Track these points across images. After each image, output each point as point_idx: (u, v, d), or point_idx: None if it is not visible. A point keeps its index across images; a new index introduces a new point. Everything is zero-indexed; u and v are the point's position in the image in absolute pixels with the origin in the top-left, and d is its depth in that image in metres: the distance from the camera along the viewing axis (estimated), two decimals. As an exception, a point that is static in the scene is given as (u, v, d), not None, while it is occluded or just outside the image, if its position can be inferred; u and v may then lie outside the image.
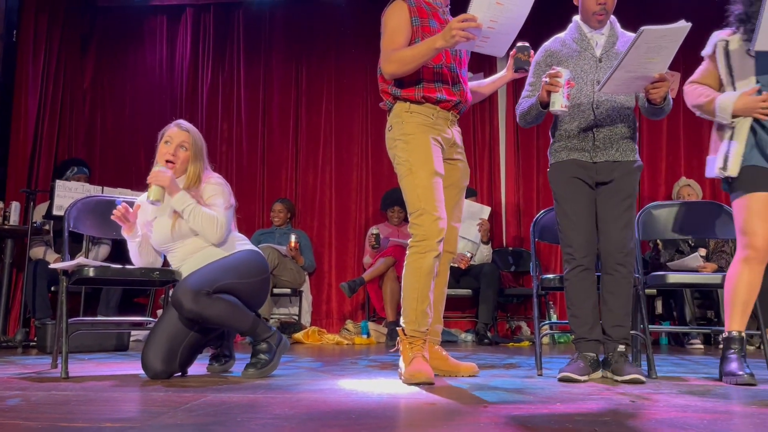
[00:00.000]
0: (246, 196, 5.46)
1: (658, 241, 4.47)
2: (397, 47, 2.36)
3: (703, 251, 4.38)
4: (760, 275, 2.31)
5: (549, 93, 2.28)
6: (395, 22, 2.40)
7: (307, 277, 5.17)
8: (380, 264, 4.71)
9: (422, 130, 2.38)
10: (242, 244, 2.53)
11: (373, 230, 4.90)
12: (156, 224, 2.46)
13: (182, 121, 2.56)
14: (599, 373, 2.37)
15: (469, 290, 4.81)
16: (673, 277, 2.72)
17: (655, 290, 4.59)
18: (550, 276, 2.68)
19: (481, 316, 4.71)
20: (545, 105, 2.33)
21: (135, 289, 4.44)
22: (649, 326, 2.70)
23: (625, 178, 2.41)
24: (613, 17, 2.50)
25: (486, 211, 4.95)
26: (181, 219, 2.40)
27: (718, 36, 2.45)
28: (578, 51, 2.46)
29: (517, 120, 2.57)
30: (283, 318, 5.08)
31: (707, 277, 3.07)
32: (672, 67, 2.43)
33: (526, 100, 2.50)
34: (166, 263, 2.57)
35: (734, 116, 2.32)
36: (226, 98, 5.70)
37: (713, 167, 2.40)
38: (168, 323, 2.36)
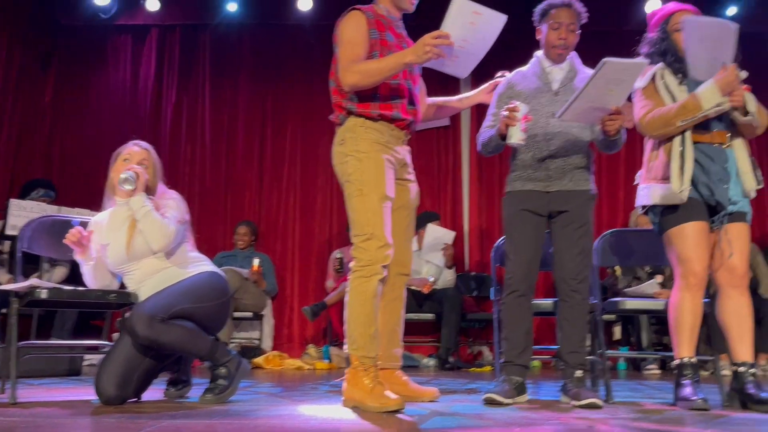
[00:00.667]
0: (208, 217, 5.41)
1: (617, 267, 4.56)
2: (357, 58, 2.28)
3: (659, 278, 4.48)
4: (701, 300, 2.37)
5: (507, 126, 2.33)
6: (354, 32, 2.33)
7: (269, 301, 5.12)
8: (343, 288, 4.67)
9: (377, 148, 2.32)
10: (202, 265, 2.48)
11: (337, 254, 4.88)
12: (111, 245, 2.41)
13: (140, 141, 2.55)
14: (525, 397, 2.42)
15: (432, 315, 4.82)
16: (630, 303, 2.77)
17: (613, 316, 4.68)
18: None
19: (443, 340, 4.71)
20: (503, 137, 2.38)
21: (92, 312, 4.33)
22: (607, 352, 2.75)
23: (579, 208, 2.47)
24: (574, 53, 2.57)
25: (450, 236, 4.98)
26: (136, 237, 2.35)
27: (650, 69, 2.51)
28: (537, 84, 2.52)
29: (478, 149, 2.62)
30: (243, 342, 5.01)
31: (662, 303, 3.13)
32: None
33: (487, 130, 2.56)
34: (122, 286, 2.52)
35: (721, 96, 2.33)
36: (191, 119, 5.66)
37: (661, 194, 2.40)
38: (123, 348, 2.30)
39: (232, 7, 5.26)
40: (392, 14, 2.46)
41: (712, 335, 2.65)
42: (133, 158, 2.48)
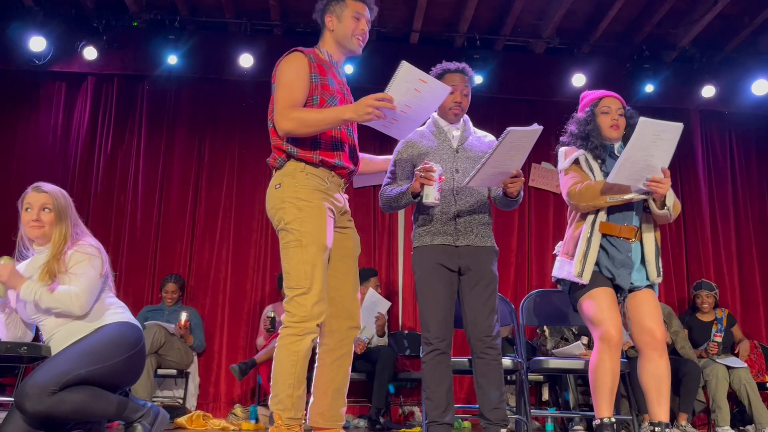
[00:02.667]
0: (136, 270, 5.24)
1: (545, 328, 4.65)
2: (296, 103, 2.23)
3: (585, 339, 4.59)
4: (618, 360, 2.46)
5: (422, 185, 2.40)
6: (293, 75, 2.27)
7: (195, 358, 4.94)
8: (273, 346, 4.57)
9: (317, 197, 2.26)
10: (115, 314, 2.34)
11: (269, 312, 4.78)
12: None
13: (41, 183, 2.43)
14: None
15: (364, 374, 4.75)
16: (553, 363, 2.84)
17: (542, 377, 4.74)
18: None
19: (374, 400, 4.63)
20: (416, 195, 2.45)
21: (2, 367, 4.06)
22: (534, 411, 2.78)
23: (486, 264, 2.55)
24: (466, 116, 2.73)
25: (385, 305, 4.91)
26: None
27: (571, 150, 2.69)
28: (437, 143, 2.64)
29: (381, 205, 2.67)
30: (166, 401, 4.78)
31: (584, 363, 3.21)
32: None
33: (391, 187, 2.63)
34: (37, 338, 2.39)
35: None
36: (124, 169, 5.54)
37: (570, 270, 2.55)
38: (15, 424, 2.12)
39: (172, 60, 5.26)
40: (334, 59, 2.45)
41: (633, 396, 2.73)
42: (34, 205, 2.34)
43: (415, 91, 2.17)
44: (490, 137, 2.78)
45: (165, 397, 4.84)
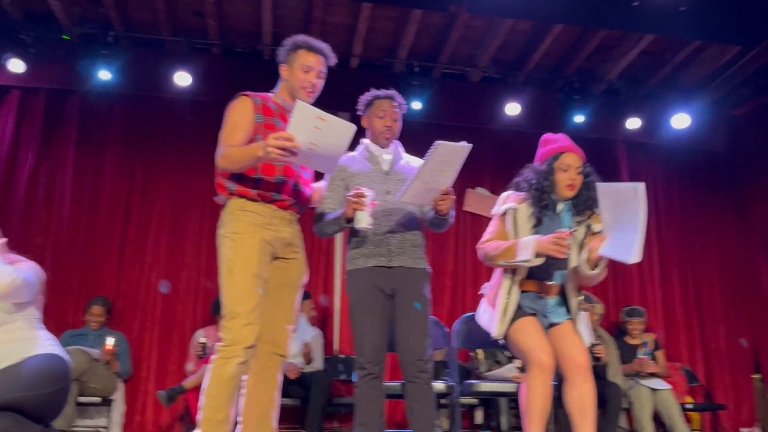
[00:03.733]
0: (59, 292, 4.99)
1: (479, 351, 4.70)
2: (235, 143, 2.31)
3: (518, 362, 4.66)
4: (550, 385, 2.51)
5: (354, 210, 2.42)
6: (237, 117, 2.38)
7: (120, 384, 4.73)
8: (203, 372, 4.44)
9: (253, 230, 2.32)
10: (46, 345, 2.30)
11: (200, 338, 4.63)
12: None
13: None
14: None
15: (298, 399, 4.66)
16: (484, 386, 2.87)
17: (475, 400, 4.78)
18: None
19: (308, 426, 4.56)
20: (350, 220, 2.47)
21: None
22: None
23: (419, 286, 2.57)
24: (398, 142, 2.78)
25: (311, 334, 4.80)
26: None
27: (509, 199, 2.69)
28: (369, 166, 2.68)
29: (314, 230, 2.66)
30: (88, 431, 4.55)
31: (515, 386, 3.26)
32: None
33: (324, 213, 2.64)
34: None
35: (537, 255, 2.48)
36: (49, 186, 5.30)
37: (491, 324, 2.60)
38: None
39: (105, 75, 5.11)
40: (288, 103, 2.49)
41: (560, 420, 2.79)
42: None
43: (315, 129, 2.16)
44: (421, 162, 2.81)
45: (86, 426, 4.60)
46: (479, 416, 5.10)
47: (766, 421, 5.72)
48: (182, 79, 5.22)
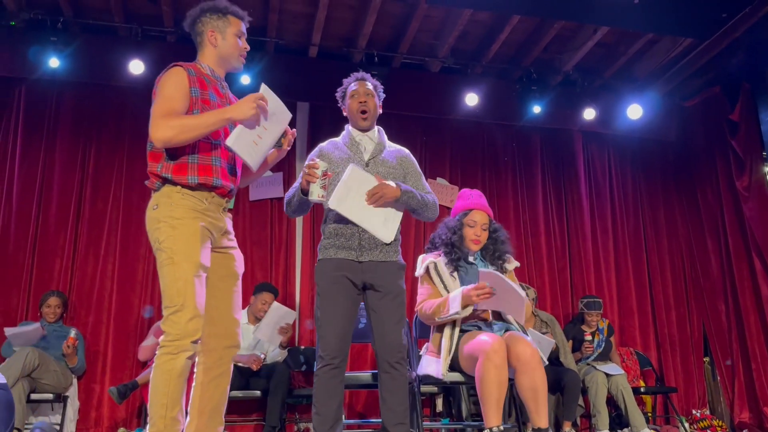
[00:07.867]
0: (9, 287, 4.85)
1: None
2: (173, 113, 2.18)
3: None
4: (505, 370, 2.57)
5: (308, 182, 2.42)
6: (173, 88, 2.24)
7: (74, 380, 4.62)
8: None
9: (193, 215, 2.21)
10: None
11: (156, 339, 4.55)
12: None
13: None
14: None
15: (258, 392, 4.63)
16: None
17: (436, 388, 4.82)
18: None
19: (268, 418, 4.52)
20: (305, 193, 2.46)
21: None
22: (428, 423, 2.83)
23: (392, 279, 2.57)
24: (380, 128, 2.77)
25: (292, 316, 4.77)
26: None
27: (426, 259, 2.97)
28: (348, 154, 2.66)
29: (285, 209, 2.67)
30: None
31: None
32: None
33: (292, 189, 2.64)
34: None
35: (465, 306, 2.72)
36: (-4, 178, 5.12)
37: (439, 366, 2.80)
38: None
39: (54, 63, 4.94)
40: (216, 74, 2.43)
41: (516, 406, 2.84)
42: None
43: (272, 115, 2.25)
44: (405, 151, 2.83)
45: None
46: (440, 404, 5.15)
47: (716, 402, 5.94)
48: (136, 67, 5.09)
